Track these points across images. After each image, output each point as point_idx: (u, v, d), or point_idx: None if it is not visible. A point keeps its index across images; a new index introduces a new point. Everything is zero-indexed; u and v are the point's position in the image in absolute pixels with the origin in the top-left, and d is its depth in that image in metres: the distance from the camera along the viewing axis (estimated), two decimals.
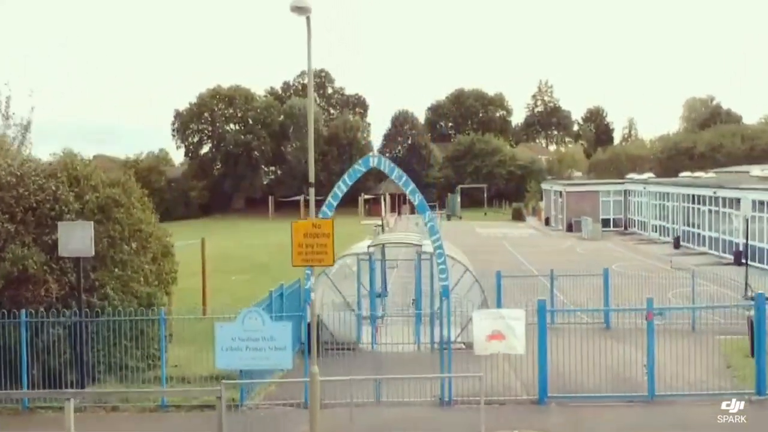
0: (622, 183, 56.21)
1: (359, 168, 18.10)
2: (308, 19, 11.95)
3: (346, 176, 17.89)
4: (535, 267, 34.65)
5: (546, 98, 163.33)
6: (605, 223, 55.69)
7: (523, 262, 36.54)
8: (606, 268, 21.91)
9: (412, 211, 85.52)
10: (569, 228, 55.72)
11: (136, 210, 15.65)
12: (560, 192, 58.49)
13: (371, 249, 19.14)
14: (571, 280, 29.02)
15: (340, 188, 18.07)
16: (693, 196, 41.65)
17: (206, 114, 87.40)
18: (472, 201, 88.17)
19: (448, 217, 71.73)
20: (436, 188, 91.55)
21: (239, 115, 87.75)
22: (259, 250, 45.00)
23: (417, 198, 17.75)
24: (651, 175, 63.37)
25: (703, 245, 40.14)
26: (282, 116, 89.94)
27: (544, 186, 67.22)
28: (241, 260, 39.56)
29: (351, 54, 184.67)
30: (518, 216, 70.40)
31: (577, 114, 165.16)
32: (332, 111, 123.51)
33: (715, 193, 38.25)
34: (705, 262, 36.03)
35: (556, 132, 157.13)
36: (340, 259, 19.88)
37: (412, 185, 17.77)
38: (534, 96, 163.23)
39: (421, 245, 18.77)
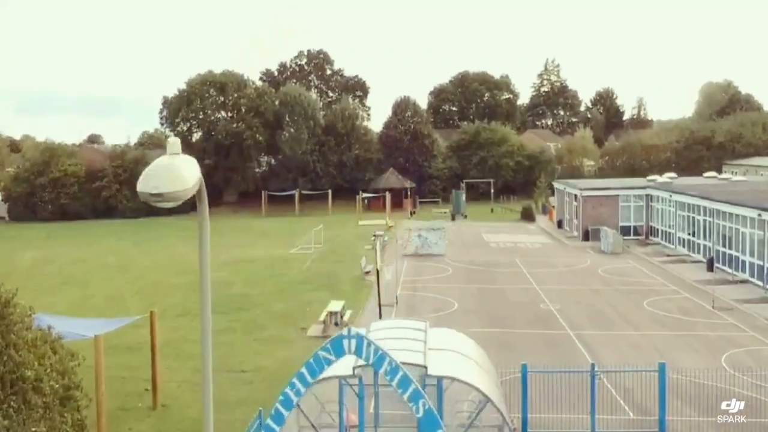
0: (644, 188, 51.37)
1: (327, 356, 12.01)
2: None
3: (305, 369, 11.74)
4: (557, 306, 30.00)
5: (553, 77, 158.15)
6: (625, 230, 50.92)
7: (543, 298, 31.86)
8: (662, 365, 17.10)
9: (414, 205, 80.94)
10: (585, 236, 51.04)
11: (22, 350, 10.91)
12: (575, 195, 53.71)
13: (358, 371, 14.17)
14: (611, 338, 24.51)
15: (296, 389, 11.97)
16: (732, 215, 36.86)
17: (196, 101, 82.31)
18: (477, 193, 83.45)
19: (453, 217, 66.91)
20: (440, 180, 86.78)
21: (230, 103, 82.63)
22: (244, 270, 40.31)
23: (419, 407, 12.16)
24: (673, 175, 58.50)
25: (744, 271, 35.43)
26: (277, 103, 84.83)
27: (557, 185, 62.35)
28: (220, 291, 34.73)
29: (351, 35, 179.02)
30: (528, 216, 65.56)
31: (586, 96, 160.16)
32: (331, 93, 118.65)
33: (760, 215, 33.49)
34: (750, 297, 31.43)
35: (562, 112, 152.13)
36: (321, 383, 15.11)
37: (413, 387, 12.14)
38: (540, 75, 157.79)
39: (426, 366, 13.68)
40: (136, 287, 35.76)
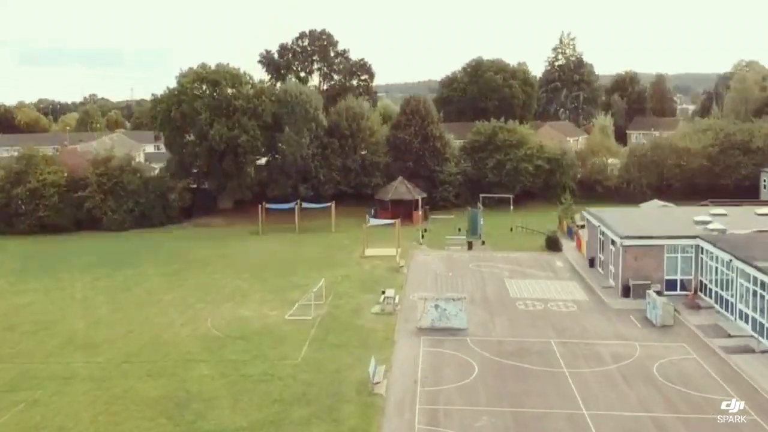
0: (693, 237, 44.50)
1: None
2: None
3: None
4: None
5: (568, 51, 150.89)
6: (670, 284, 44.54)
7: None
8: None
9: (426, 218, 74.21)
10: (626, 291, 44.58)
11: None
12: (612, 240, 47.02)
13: None
14: None
15: None
16: None
17: (186, 101, 74.96)
18: (494, 200, 76.73)
19: (470, 245, 60.14)
20: (453, 186, 79.95)
21: (225, 103, 75.20)
22: (230, 365, 33.77)
23: None
24: (724, 212, 51.57)
25: None
26: (275, 103, 77.53)
27: (587, 216, 55.54)
28: (196, 426, 28.15)
29: (358, 16, 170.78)
30: (553, 246, 58.96)
31: (602, 74, 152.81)
32: (335, 77, 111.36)
33: None
34: None
35: (579, 91, 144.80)
36: None
37: None
38: (555, 49, 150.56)
39: None
40: (95, 405, 29.36)
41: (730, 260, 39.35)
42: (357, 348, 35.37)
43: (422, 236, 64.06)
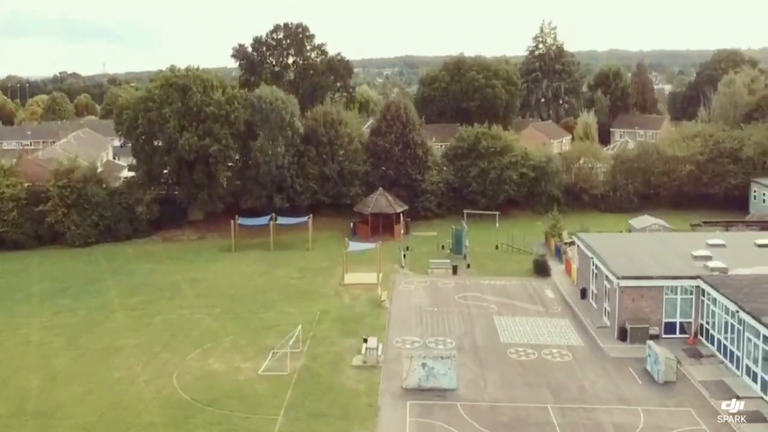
0: (695, 278, 41.85)
1: None
2: None
3: None
4: None
5: (549, 40, 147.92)
6: (669, 328, 42.14)
7: None
8: None
9: (407, 231, 71.14)
10: (622, 335, 42.02)
11: None
12: (607, 276, 44.31)
13: None
14: None
15: None
16: None
17: (154, 108, 70.69)
18: (478, 207, 73.88)
19: (454, 270, 57.07)
20: (435, 196, 76.82)
21: (195, 110, 70.96)
22: None
23: None
24: (722, 242, 48.94)
25: None
26: (248, 109, 73.60)
27: (578, 241, 52.74)
28: None
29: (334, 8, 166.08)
30: (542, 270, 56.25)
31: (580, 55, 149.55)
32: (311, 72, 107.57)
33: None
34: None
35: (560, 81, 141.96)
36: None
37: None
38: (535, 38, 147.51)
39: None
40: None
41: (737, 311, 36.74)
42: (337, 419, 32.33)
43: (404, 256, 60.91)
